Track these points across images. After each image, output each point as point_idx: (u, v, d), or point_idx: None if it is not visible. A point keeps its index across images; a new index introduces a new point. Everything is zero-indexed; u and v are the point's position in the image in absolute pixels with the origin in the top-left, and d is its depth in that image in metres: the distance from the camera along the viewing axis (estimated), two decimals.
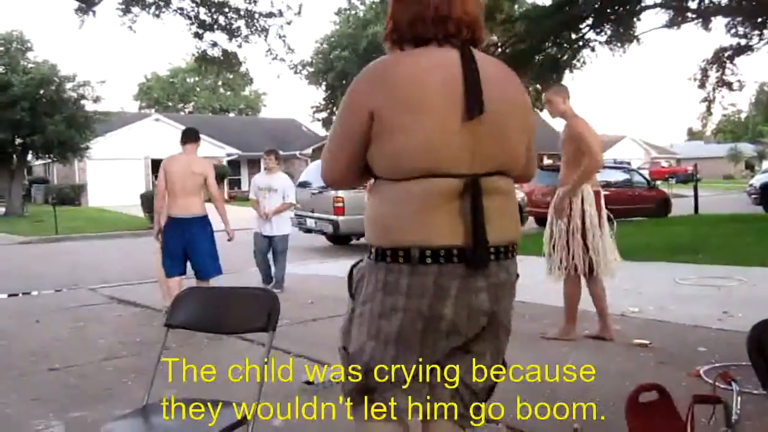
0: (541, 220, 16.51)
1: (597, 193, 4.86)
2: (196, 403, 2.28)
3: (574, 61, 16.99)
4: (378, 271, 1.74)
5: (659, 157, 52.97)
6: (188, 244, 5.98)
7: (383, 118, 1.69)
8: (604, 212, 4.90)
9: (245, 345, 4.91)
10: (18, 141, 23.92)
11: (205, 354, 4.85)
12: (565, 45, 16.03)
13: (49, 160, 28.46)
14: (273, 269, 7.86)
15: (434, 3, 1.74)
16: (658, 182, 26.20)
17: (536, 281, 5.18)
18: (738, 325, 4.97)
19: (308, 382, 4.01)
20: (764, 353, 1.70)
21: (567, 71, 17.05)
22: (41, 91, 23.25)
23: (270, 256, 7.89)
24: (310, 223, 12.47)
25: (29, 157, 26.34)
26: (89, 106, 25.12)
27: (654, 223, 15.11)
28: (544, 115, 37.96)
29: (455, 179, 1.69)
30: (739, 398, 2.11)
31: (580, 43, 16.17)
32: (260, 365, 2.28)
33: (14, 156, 24.62)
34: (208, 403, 2.28)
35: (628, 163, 26.89)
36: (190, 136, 6.28)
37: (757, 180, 19.72)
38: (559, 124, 6.14)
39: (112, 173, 31.36)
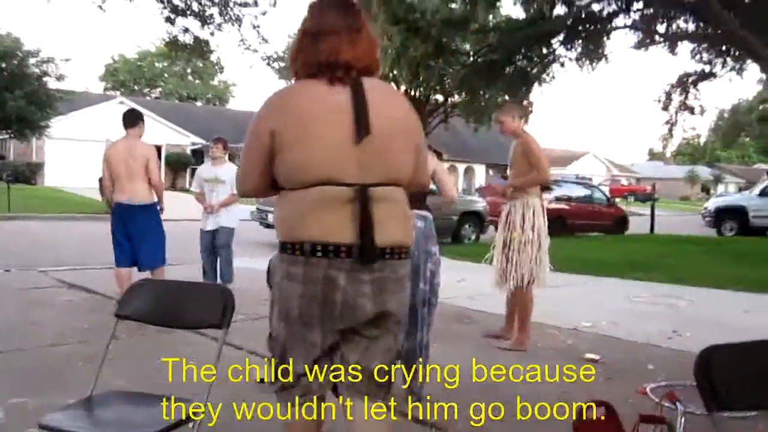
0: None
1: (542, 207, 5.09)
2: (143, 397, 2.24)
3: (544, 75, 17.20)
4: (282, 262, 2.10)
5: (620, 175, 54.05)
6: (132, 232, 5.81)
7: (282, 136, 2.04)
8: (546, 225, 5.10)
9: (198, 339, 4.82)
10: None
11: (155, 347, 4.76)
12: (535, 59, 16.22)
13: (6, 136, 27.68)
14: (218, 268, 7.29)
15: (325, 51, 2.09)
16: (618, 200, 26.71)
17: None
18: (687, 344, 5.09)
19: (261, 381, 3.97)
20: (710, 377, 1.75)
21: (536, 84, 17.26)
22: (2, 65, 22.61)
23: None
24: (272, 218, 12.37)
25: None
26: (52, 83, 24.52)
27: (611, 240, 15.40)
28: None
29: (346, 187, 2.02)
30: (683, 419, 2.16)
31: (551, 58, 16.38)
32: (213, 362, 2.24)
33: None
34: (155, 397, 2.24)
35: (590, 179, 27.40)
36: (132, 120, 6.03)
37: (712, 203, 20.24)
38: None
39: (72, 154, 30.60)
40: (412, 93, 24.48)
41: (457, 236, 13.41)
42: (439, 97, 24.27)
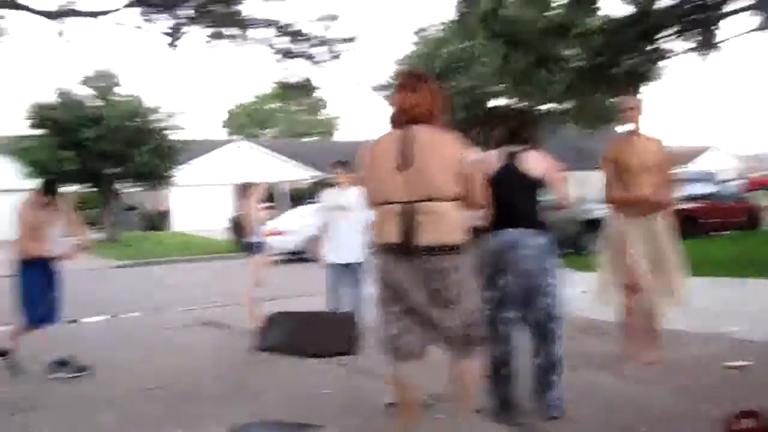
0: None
1: None
2: (283, 426, 2.35)
3: (653, 72, 16.49)
4: (376, 259, 3.16)
5: (749, 168, 50.40)
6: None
7: (366, 169, 3.17)
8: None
9: (326, 367, 4.98)
10: (110, 171, 25.20)
11: (291, 375, 4.93)
12: (643, 56, 15.58)
13: (139, 188, 29.82)
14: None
15: (393, 103, 3.19)
16: (755, 193, 24.92)
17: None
18: None
19: (391, 404, 4.03)
20: None
21: (647, 82, 16.56)
22: (129, 124, 24.46)
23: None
24: None
25: (120, 185, 27.64)
26: (173, 135, 26.22)
27: (745, 236, 14.42)
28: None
29: (396, 205, 2.99)
30: None
31: (660, 54, 15.68)
32: (343, 389, 2.32)
33: (106, 185, 25.95)
34: (292, 426, 2.34)
35: (714, 175, 25.76)
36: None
37: None
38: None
39: (196, 199, 32.54)
40: (519, 104, 24.20)
41: (579, 246, 13.00)
42: (547, 106, 23.81)
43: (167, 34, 13.28)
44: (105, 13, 12.67)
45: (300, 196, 35.45)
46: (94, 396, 4.70)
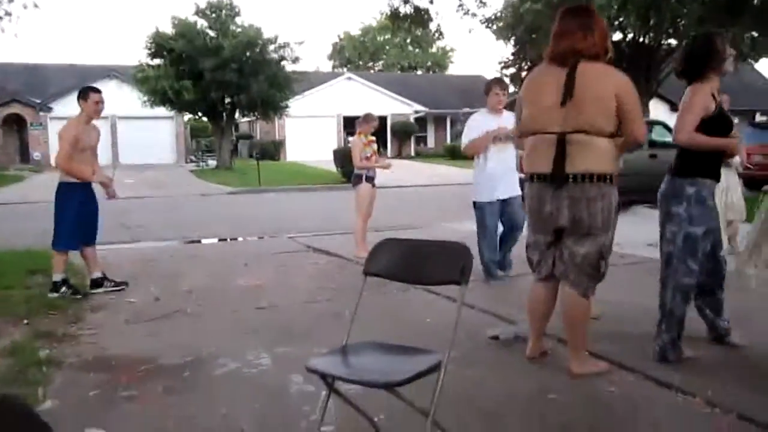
0: (753, 183, 14.91)
1: None
2: (392, 347, 2.40)
3: None
4: (527, 188, 3.42)
5: None
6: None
7: (522, 100, 3.41)
8: None
9: (433, 298, 5.05)
10: (227, 100, 26.08)
11: (395, 304, 5.06)
12: None
13: (254, 118, 30.77)
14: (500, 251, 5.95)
15: (563, 46, 3.25)
16: None
17: None
18: None
19: (494, 337, 4.05)
20: None
21: None
22: (247, 54, 25.04)
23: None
24: None
25: (236, 115, 28.60)
26: (288, 66, 26.68)
27: None
28: (761, 66, 33.86)
29: (551, 135, 3.22)
30: None
31: None
32: (454, 317, 2.33)
33: (224, 114, 26.92)
34: (404, 349, 2.39)
35: None
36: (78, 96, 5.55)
37: None
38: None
39: (308, 130, 33.26)
40: (641, 39, 22.77)
41: None
42: (673, 41, 22.30)
43: None
44: None
45: (399, 131, 35.52)
46: (216, 310, 5.00)
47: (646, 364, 3.55)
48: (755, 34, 14.60)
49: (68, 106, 30.67)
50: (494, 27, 24.72)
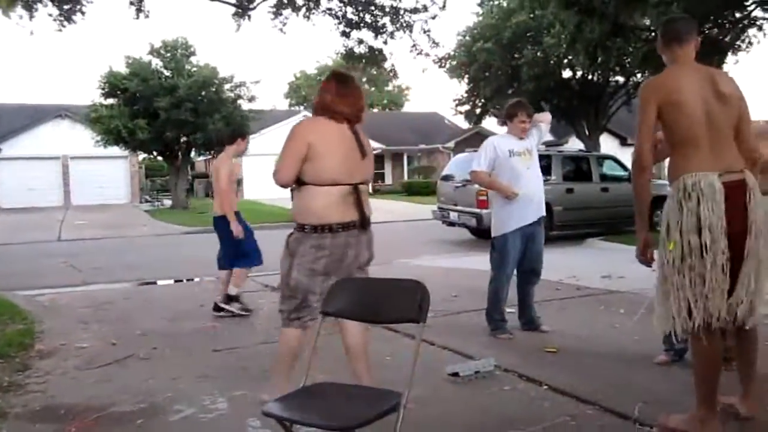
0: None
1: None
2: (351, 388, 2.38)
3: (739, 42, 15.70)
4: (310, 238, 3.29)
5: None
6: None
7: (315, 147, 3.28)
8: None
9: (392, 335, 5.03)
10: (182, 139, 25.86)
11: None
12: (727, 25, 14.84)
13: (210, 157, 30.53)
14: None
15: (327, 101, 3.41)
16: None
17: None
18: None
19: (454, 374, 4.05)
20: None
21: (730, 53, 15.79)
22: (203, 93, 24.96)
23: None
24: (453, 216, 12.48)
25: (192, 153, 28.35)
26: (245, 105, 26.66)
27: None
28: None
29: (348, 186, 3.30)
30: None
31: (746, 22, 14.89)
32: (412, 355, 2.32)
33: (179, 153, 26.67)
34: (363, 389, 2.37)
35: None
36: (225, 140, 6.98)
37: None
38: None
39: (265, 168, 33.03)
40: (590, 77, 23.48)
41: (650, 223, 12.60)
42: (620, 78, 23.06)
43: (234, 4, 13.45)
44: None
45: None
46: (172, 353, 4.87)
47: (603, 394, 3.58)
48: None
49: (17, 146, 30.26)
50: (448, 66, 25.25)
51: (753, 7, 14.30)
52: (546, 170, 12.35)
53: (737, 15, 14.61)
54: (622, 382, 3.85)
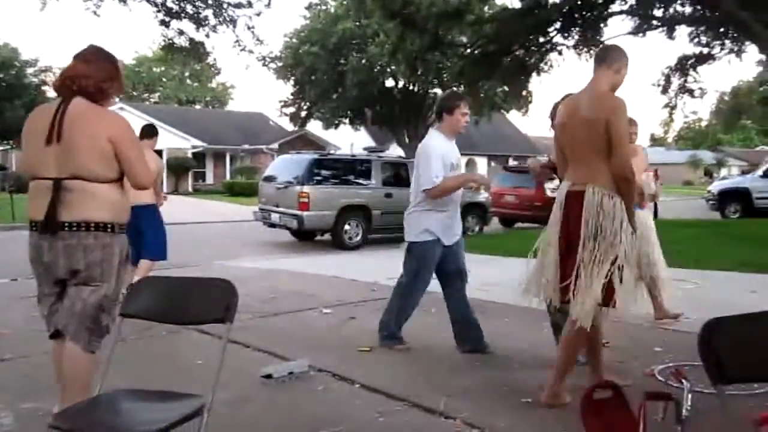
0: (506, 221, 16.65)
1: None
2: (149, 394, 2.24)
3: (542, 65, 17.19)
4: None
5: None
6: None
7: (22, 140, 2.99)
8: None
9: (204, 338, 4.85)
10: None
11: (161, 346, 4.78)
12: (533, 48, 16.19)
13: (8, 147, 27.75)
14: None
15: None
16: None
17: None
18: (694, 326, 5.04)
19: (267, 375, 3.99)
20: (713, 350, 1.75)
21: (535, 74, 17.24)
22: (1, 75, 22.66)
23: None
24: (275, 217, 12.37)
25: None
26: (51, 92, 24.58)
27: None
28: (512, 117, 38.19)
29: (47, 180, 2.79)
30: (689, 396, 2.16)
31: (548, 47, 16.34)
32: (218, 357, 2.24)
33: None
34: (163, 394, 2.24)
35: None
36: (146, 133, 6.46)
37: (715, 187, 20.17)
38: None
39: None
40: (411, 87, 24.47)
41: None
42: (438, 91, 24.26)
43: None
44: None
45: (175, 166, 34.27)
46: None
47: (412, 390, 3.72)
48: (506, 88, 16.44)
49: None
50: (273, 66, 25.07)
51: (555, 33, 15.73)
52: (366, 175, 12.66)
53: (541, 40, 15.98)
54: (431, 378, 4.02)
